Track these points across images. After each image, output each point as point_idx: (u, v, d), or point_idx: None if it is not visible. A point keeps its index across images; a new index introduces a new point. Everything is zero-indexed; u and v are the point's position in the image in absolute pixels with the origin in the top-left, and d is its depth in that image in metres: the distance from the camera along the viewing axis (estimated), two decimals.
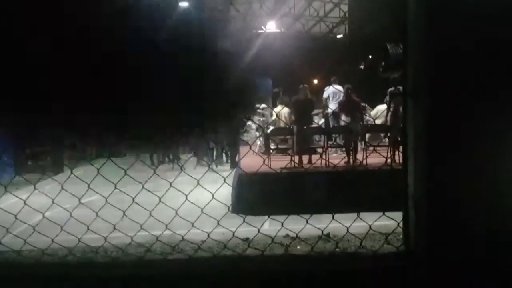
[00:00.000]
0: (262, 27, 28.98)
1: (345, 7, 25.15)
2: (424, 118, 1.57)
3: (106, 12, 1.81)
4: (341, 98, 11.17)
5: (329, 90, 11.53)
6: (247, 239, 2.23)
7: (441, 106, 1.52)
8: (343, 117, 9.67)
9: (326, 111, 12.27)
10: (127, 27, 1.85)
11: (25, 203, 2.00)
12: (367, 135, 9.59)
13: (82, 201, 2.27)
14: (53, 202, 2.11)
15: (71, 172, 2.16)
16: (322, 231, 2.26)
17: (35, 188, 2.11)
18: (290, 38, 29.56)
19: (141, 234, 2.18)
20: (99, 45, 1.81)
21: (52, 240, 2.05)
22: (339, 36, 30.58)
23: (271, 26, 28.65)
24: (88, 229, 2.10)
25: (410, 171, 1.67)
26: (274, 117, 12.26)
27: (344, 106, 9.76)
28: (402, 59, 1.71)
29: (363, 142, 9.43)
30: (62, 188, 2.05)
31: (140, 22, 1.87)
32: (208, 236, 2.09)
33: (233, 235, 2.12)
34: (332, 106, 11.11)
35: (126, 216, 2.16)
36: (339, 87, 11.61)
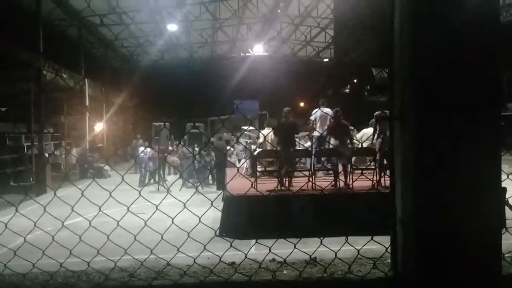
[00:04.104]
0: (250, 50, 29.30)
1: (331, 31, 25.60)
2: (412, 141, 1.57)
3: None
4: (327, 121, 11.20)
5: (316, 114, 11.56)
6: (233, 263, 2.20)
7: (429, 129, 1.53)
8: (332, 141, 9.58)
9: (312, 134, 12.31)
10: None
11: (6, 226, 1.94)
12: (353, 158, 9.60)
13: (65, 223, 2.22)
14: (35, 225, 2.06)
15: (55, 194, 2.11)
16: (310, 256, 2.23)
17: (16, 210, 2.05)
18: (277, 61, 29.91)
19: (125, 258, 2.13)
20: None
21: (33, 265, 1.99)
22: (325, 60, 31.05)
23: (259, 49, 28.99)
24: (70, 253, 2.04)
25: (397, 195, 1.67)
26: (261, 139, 12.27)
27: (333, 129, 9.73)
28: (388, 83, 1.73)
29: (349, 166, 9.43)
30: (44, 210, 2.00)
31: None
32: (194, 261, 2.05)
33: (220, 260, 2.09)
34: (319, 129, 11.11)
35: (110, 240, 2.11)
36: (327, 110, 11.68)
